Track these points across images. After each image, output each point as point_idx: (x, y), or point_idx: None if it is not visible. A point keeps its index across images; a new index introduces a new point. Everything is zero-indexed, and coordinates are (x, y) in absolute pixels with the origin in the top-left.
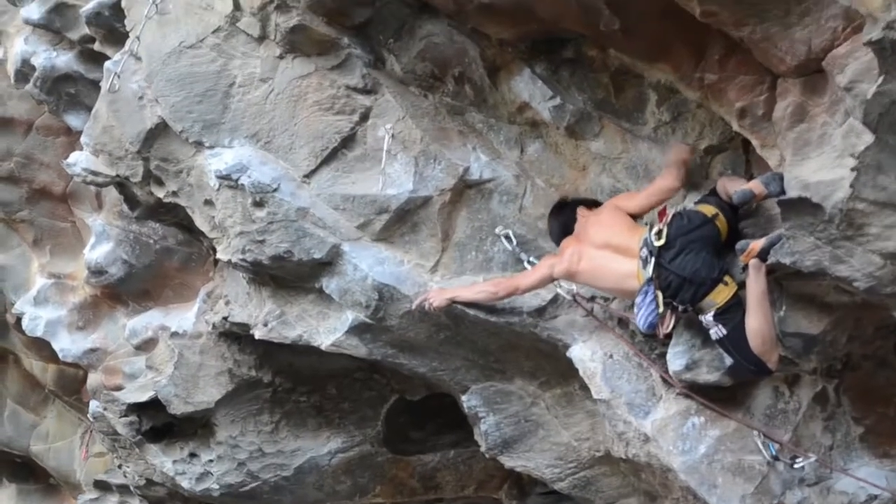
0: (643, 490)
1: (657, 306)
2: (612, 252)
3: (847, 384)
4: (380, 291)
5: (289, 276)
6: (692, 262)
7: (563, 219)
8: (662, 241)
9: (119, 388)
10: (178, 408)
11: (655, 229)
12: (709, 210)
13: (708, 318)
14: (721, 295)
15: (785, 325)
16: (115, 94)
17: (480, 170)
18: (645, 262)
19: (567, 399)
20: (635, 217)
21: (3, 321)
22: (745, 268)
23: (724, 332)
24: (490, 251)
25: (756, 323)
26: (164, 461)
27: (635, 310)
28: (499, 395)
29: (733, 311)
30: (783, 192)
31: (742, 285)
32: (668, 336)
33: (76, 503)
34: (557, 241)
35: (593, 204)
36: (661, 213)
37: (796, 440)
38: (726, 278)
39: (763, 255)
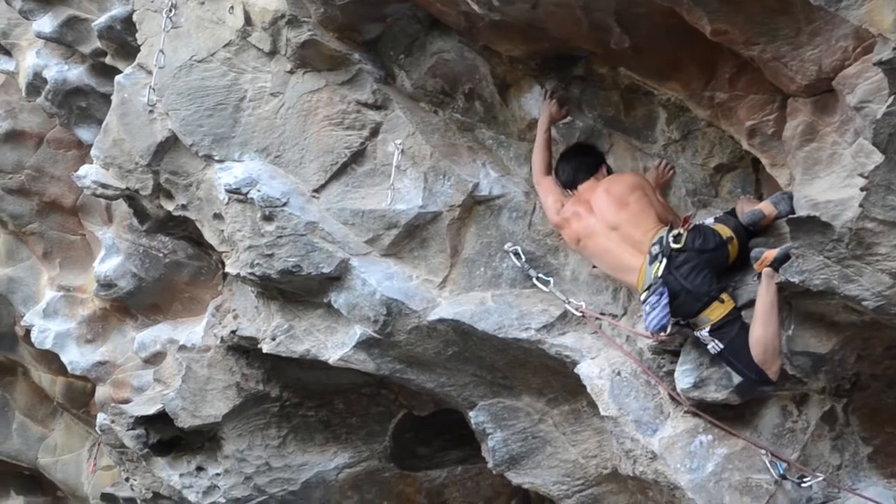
0: None
1: (671, 310)
2: (621, 240)
3: (856, 404)
4: (388, 306)
5: (297, 291)
6: (695, 276)
7: (586, 164)
8: (680, 246)
9: (127, 402)
10: (185, 421)
11: (675, 232)
12: (725, 232)
13: (703, 333)
14: (716, 312)
15: (793, 343)
16: (126, 108)
17: (490, 186)
18: (653, 259)
19: (575, 416)
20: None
21: (13, 333)
22: (758, 276)
23: (722, 345)
24: (499, 267)
25: (761, 331)
26: (171, 474)
27: (646, 308)
28: (506, 411)
29: (730, 326)
30: (792, 211)
31: (750, 304)
32: (676, 354)
33: None
34: (566, 182)
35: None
36: (686, 220)
37: (804, 459)
38: (723, 296)
39: (777, 264)
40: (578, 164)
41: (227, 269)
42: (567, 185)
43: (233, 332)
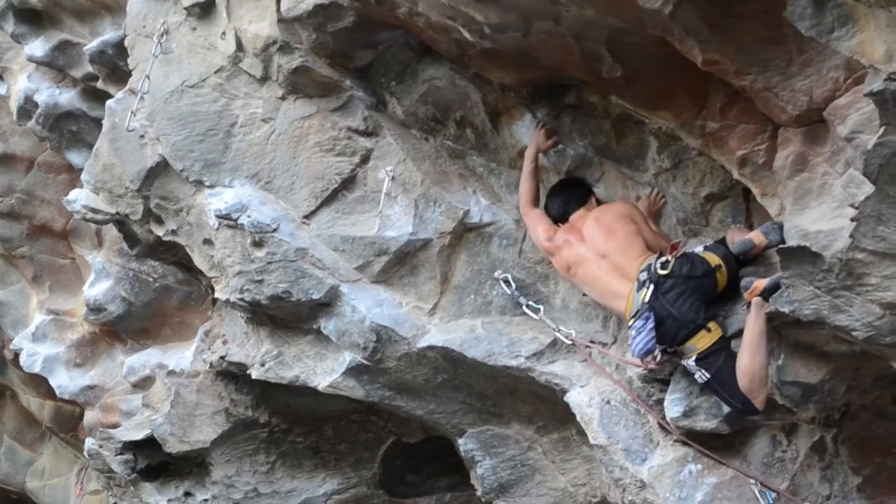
0: None
1: (657, 336)
2: (610, 267)
3: (845, 434)
4: (378, 333)
5: (287, 317)
6: (682, 303)
7: (575, 196)
8: (667, 272)
9: (115, 426)
10: (173, 446)
11: (663, 259)
12: (714, 260)
13: (690, 362)
14: (703, 341)
15: (783, 373)
16: (117, 132)
17: (480, 213)
18: (641, 286)
19: (564, 444)
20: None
21: (1, 357)
22: (748, 305)
23: (708, 375)
24: (489, 295)
25: (748, 360)
26: (159, 500)
27: (632, 333)
28: (495, 438)
29: (716, 356)
30: (783, 241)
31: (739, 334)
32: (666, 382)
33: None
34: (557, 216)
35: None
36: (674, 247)
37: (793, 489)
38: (710, 325)
39: (767, 293)
40: (568, 197)
41: (217, 295)
42: (558, 219)
43: (222, 357)
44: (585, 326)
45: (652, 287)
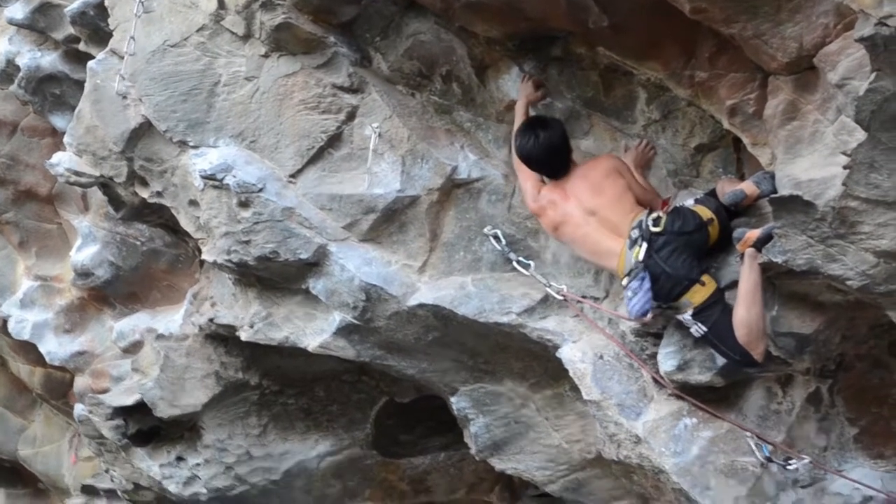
0: (635, 492)
1: (652, 294)
2: (599, 224)
3: (841, 384)
4: (367, 292)
5: (275, 277)
6: (675, 259)
7: (563, 164)
8: (659, 229)
9: (106, 392)
10: (164, 411)
11: (655, 215)
12: (705, 213)
13: (686, 317)
14: (698, 295)
15: (777, 324)
16: (99, 94)
17: (469, 169)
18: (633, 244)
19: (558, 400)
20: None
21: None
22: (741, 257)
23: (705, 328)
24: (479, 251)
25: (745, 312)
26: (151, 465)
27: (628, 293)
28: (488, 396)
29: (712, 309)
30: (775, 190)
31: (733, 285)
32: (659, 336)
33: None
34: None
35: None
36: (665, 203)
37: (790, 441)
38: (704, 278)
39: (760, 244)
40: (555, 165)
41: (204, 257)
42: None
43: (210, 319)
44: (577, 281)
45: (645, 245)
